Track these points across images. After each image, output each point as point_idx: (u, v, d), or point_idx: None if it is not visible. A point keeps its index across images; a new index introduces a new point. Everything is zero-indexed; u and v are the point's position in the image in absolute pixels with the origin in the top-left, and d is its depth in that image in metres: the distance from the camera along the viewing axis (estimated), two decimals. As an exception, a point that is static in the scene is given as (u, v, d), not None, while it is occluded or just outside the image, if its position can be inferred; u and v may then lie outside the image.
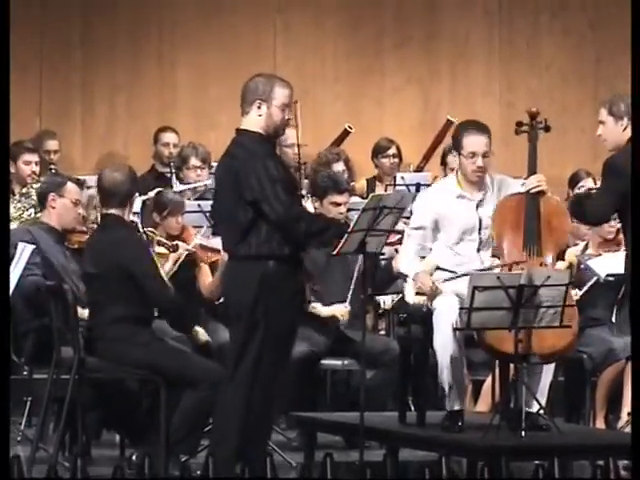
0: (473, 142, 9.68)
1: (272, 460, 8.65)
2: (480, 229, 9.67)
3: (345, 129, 12.84)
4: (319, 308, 10.87)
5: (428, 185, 11.85)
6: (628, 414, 10.63)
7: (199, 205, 11.30)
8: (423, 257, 9.70)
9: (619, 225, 10.56)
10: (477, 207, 9.68)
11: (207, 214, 11.00)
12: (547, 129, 9.74)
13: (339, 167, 12.20)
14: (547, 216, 9.61)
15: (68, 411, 9.84)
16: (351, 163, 12.40)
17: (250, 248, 8.69)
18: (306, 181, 11.95)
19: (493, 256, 9.58)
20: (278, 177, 8.77)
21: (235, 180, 8.76)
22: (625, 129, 9.49)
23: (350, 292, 10.82)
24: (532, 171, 9.62)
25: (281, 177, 8.83)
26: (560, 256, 9.88)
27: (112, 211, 10.01)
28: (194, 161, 12.38)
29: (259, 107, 8.97)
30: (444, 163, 12.38)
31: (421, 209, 9.80)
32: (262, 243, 8.68)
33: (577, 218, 10.22)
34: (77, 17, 13.95)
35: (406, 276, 9.80)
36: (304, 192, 11.52)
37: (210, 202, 10.11)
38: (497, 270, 9.47)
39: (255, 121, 8.99)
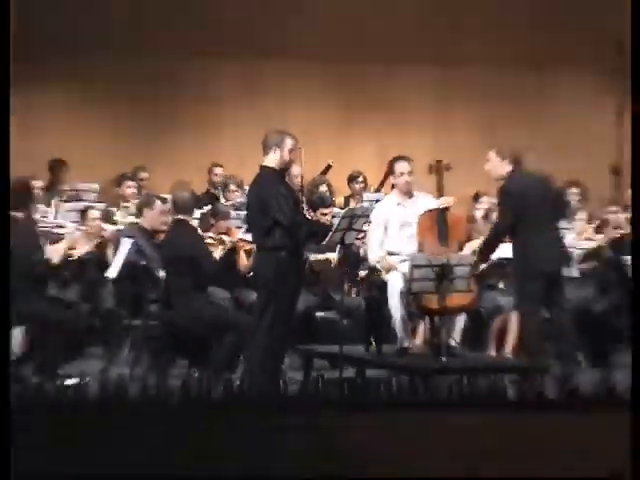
0: (401, 166, 9.81)
1: (284, 377, 8.70)
2: (411, 223, 9.70)
3: (328, 164, 12.77)
4: (319, 255, 10.77)
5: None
6: (510, 346, 10.63)
7: (237, 214, 11.31)
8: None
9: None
10: (408, 210, 9.71)
11: (243, 220, 10.99)
12: (447, 169, 9.75)
13: (324, 188, 12.17)
14: (451, 223, 9.66)
15: (155, 345, 9.90)
16: (332, 187, 12.36)
17: (270, 243, 8.71)
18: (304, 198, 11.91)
19: (419, 251, 9.56)
20: (288, 196, 8.80)
21: (261, 200, 8.80)
22: (506, 166, 9.53)
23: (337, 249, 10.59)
24: (440, 194, 9.66)
25: (289, 196, 8.85)
26: (461, 248, 9.88)
27: (180, 217, 10.08)
28: (232, 187, 12.35)
29: (275, 151, 8.97)
30: (392, 187, 12.39)
31: (376, 215, 9.80)
32: (278, 240, 8.69)
33: (493, 250, 10.19)
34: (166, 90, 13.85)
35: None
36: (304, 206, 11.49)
37: (244, 212, 10.09)
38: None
39: (272, 160, 8.98)
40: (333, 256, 10.74)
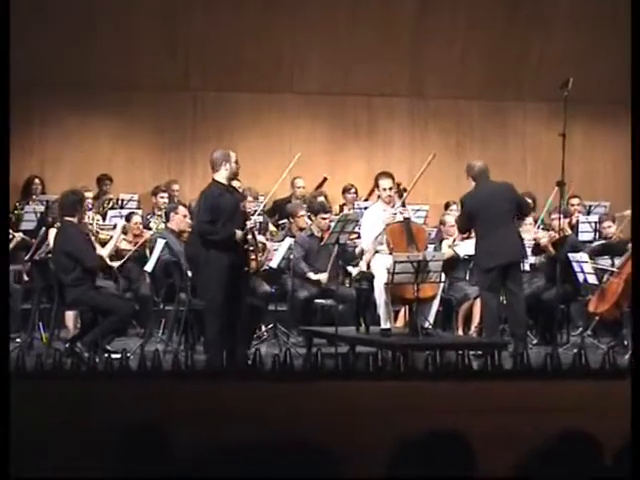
0: (384, 183, 9.67)
1: (289, 351, 8.71)
2: None
3: (324, 178, 12.77)
4: (311, 275, 10.64)
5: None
6: (474, 327, 10.67)
7: (254, 220, 11.17)
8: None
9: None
10: (391, 215, 9.58)
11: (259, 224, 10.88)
12: (404, 190, 9.64)
13: (322, 198, 12.16)
14: (415, 231, 9.54)
15: (183, 326, 9.90)
16: (328, 197, 12.39)
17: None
18: (304, 205, 11.86)
19: (390, 253, 9.46)
20: (230, 205, 8.84)
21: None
22: (471, 181, 9.60)
23: (329, 265, 10.56)
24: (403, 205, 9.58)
25: (232, 204, 8.84)
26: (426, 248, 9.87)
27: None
28: (250, 198, 11.79)
29: (225, 166, 8.87)
30: (378, 196, 12.36)
31: (367, 220, 9.75)
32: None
33: (462, 233, 10.37)
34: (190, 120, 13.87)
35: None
36: (304, 212, 11.41)
37: (259, 218, 10.04)
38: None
39: (223, 174, 8.89)
40: (323, 277, 10.60)
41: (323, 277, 10.58)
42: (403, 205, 9.56)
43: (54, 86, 13.11)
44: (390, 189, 9.61)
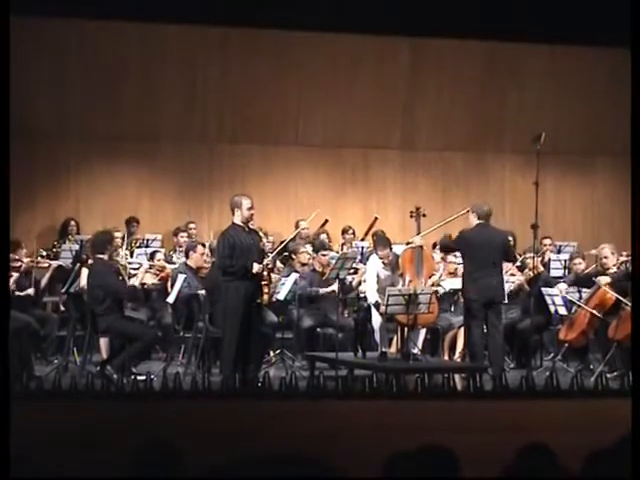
0: (382, 254, 9.64)
1: (295, 374, 8.70)
2: (391, 274, 9.68)
3: (325, 220, 12.73)
4: (321, 290, 10.49)
5: (367, 247, 11.84)
6: (458, 353, 10.65)
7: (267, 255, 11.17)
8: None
9: (458, 265, 10.58)
10: (388, 267, 9.65)
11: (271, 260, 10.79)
12: (424, 215, 9.65)
13: (324, 236, 12.17)
14: (424, 258, 9.61)
15: (201, 351, 9.90)
16: (329, 236, 12.40)
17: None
18: (306, 244, 11.85)
19: (400, 275, 9.54)
20: (245, 244, 8.84)
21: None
22: (474, 219, 9.51)
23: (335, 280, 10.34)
24: (418, 233, 9.59)
25: (248, 243, 8.85)
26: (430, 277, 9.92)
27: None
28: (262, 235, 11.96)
29: (237, 211, 8.90)
30: (373, 236, 12.25)
31: (370, 270, 9.73)
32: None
33: (442, 251, 10.32)
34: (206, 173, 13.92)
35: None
36: (304, 249, 11.38)
37: (271, 255, 9.94)
38: (399, 286, 9.52)
39: (237, 217, 8.92)
40: (333, 288, 10.71)
41: (333, 288, 10.39)
42: (418, 233, 9.56)
43: (86, 138, 13.20)
44: (388, 257, 9.60)
